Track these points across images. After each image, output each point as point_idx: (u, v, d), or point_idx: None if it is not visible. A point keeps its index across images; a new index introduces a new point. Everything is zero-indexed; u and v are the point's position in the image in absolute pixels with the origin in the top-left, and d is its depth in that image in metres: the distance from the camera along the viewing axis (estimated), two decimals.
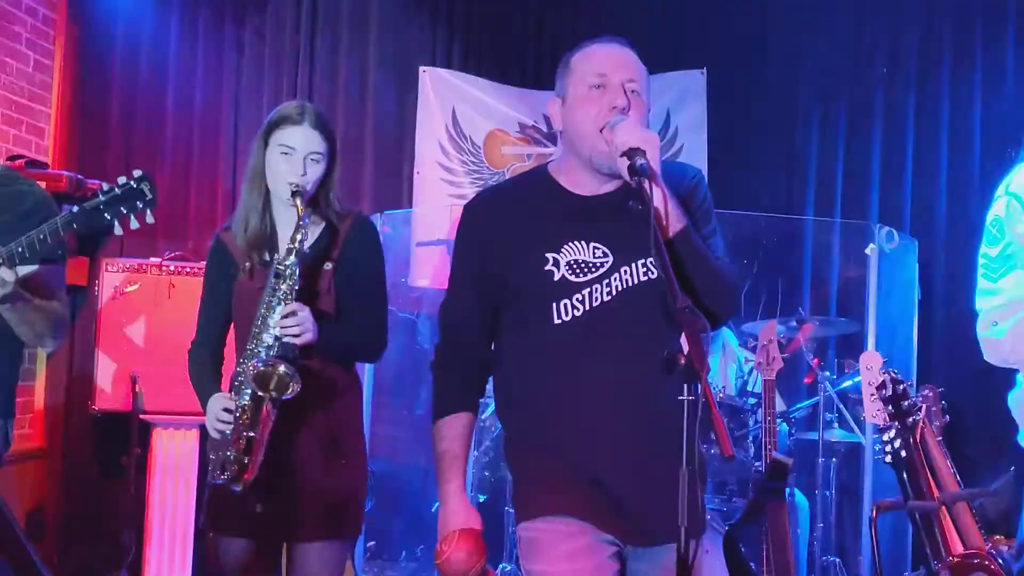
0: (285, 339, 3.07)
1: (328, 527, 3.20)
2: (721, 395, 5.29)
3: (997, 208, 3.07)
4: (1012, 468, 2.90)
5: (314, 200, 3.21)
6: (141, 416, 6.01)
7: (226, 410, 3.11)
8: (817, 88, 6.74)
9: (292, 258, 3.08)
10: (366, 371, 5.07)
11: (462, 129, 6.52)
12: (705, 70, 6.59)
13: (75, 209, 3.11)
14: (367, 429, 5.57)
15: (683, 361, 2.15)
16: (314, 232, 3.24)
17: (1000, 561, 3.88)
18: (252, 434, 3.06)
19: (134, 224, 3.09)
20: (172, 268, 6.14)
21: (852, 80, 6.73)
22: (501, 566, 4.94)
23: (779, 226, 6.26)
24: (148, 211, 3.10)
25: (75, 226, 3.11)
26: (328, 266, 3.22)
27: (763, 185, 6.61)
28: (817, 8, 6.71)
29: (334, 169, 3.28)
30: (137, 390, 6.00)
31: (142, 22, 6.80)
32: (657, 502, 2.32)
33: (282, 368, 3.02)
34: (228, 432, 3.10)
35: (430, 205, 6.21)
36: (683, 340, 2.28)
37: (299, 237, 3.09)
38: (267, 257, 3.21)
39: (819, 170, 6.71)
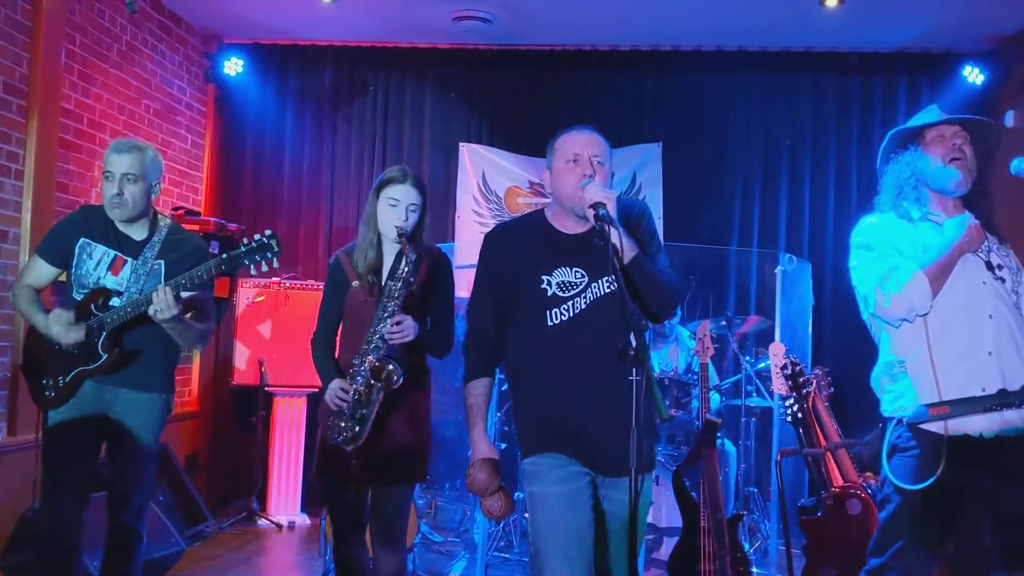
0: (392, 341, 3.05)
1: (404, 476, 3.20)
2: (672, 374, 5.30)
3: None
4: (880, 425, 2.89)
5: (411, 238, 3.17)
6: (266, 388, 6.11)
7: (343, 390, 3.10)
8: (740, 153, 6.71)
9: (400, 284, 3.07)
10: None
11: (489, 186, 6.53)
12: (661, 143, 6.57)
13: (224, 256, 3.15)
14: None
15: (631, 352, 2.18)
16: (412, 262, 3.21)
17: (869, 491, 3.88)
18: (364, 411, 3.06)
19: (264, 268, 3.13)
20: (287, 285, 6.21)
21: (765, 147, 6.70)
22: (517, 494, 4.95)
23: (714, 253, 6.26)
24: (275, 260, 3.13)
25: (224, 268, 3.16)
26: (415, 288, 3.17)
27: (703, 224, 6.58)
28: (739, 95, 6.69)
29: (425, 217, 3.25)
30: (263, 370, 6.07)
31: (266, 112, 6.88)
32: (618, 448, 2.33)
33: (391, 366, 3.02)
34: (344, 406, 3.09)
35: (466, 239, 6.22)
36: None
37: (405, 268, 3.07)
38: (376, 278, 3.18)
39: (742, 213, 6.68)
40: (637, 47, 6.71)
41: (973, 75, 6.22)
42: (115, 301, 3.28)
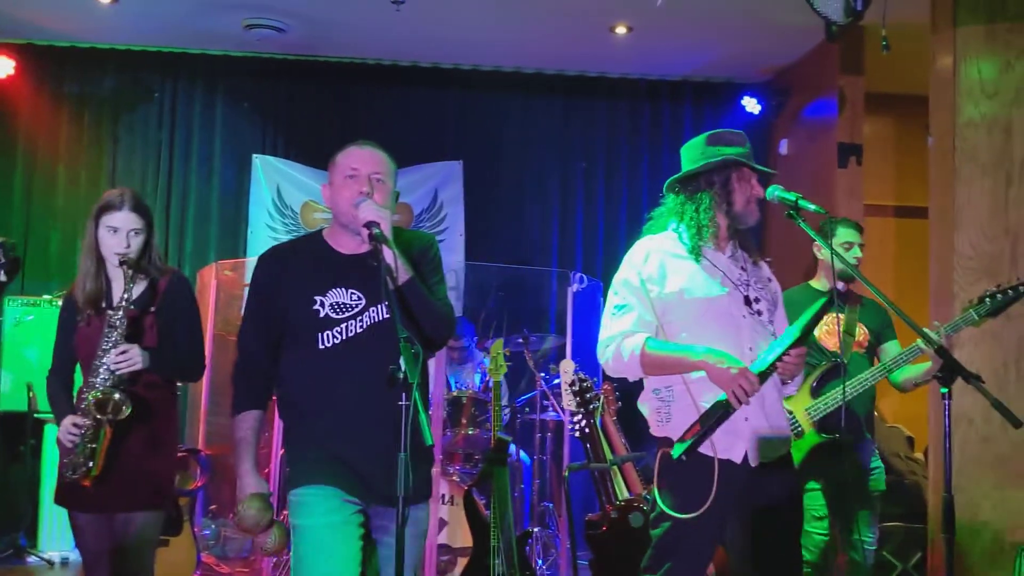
0: (119, 372, 2.94)
1: (144, 500, 3.07)
2: (470, 392, 5.30)
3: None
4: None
5: (137, 263, 3.05)
6: (35, 415, 5.67)
7: (75, 425, 2.95)
8: (539, 173, 6.84)
9: (120, 313, 2.96)
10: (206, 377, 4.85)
11: (284, 200, 6.36)
12: (462, 161, 6.61)
13: None
14: (204, 423, 5.42)
15: (400, 376, 2.13)
16: (140, 286, 3.09)
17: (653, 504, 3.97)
18: (94, 445, 2.94)
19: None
20: (61, 303, 5.79)
21: (563, 168, 6.85)
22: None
23: (512, 272, 6.32)
24: (2, 272, 2.88)
25: None
26: (151, 311, 3.08)
27: (504, 243, 6.65)
28: (538, 117, 6.83)
29: (152, 239, 3.13)
30: (32, 395, 5.65)
31: (40, 118, 6.42)
32: (387, 476, 2.26)
33: (116, 395, 2.91)
34: (76, 442, 2.95)
35: (259, 255, 6.02)
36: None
37: (125, 296, 2.98)
38: (102, 307, 3.05)
39: (540, 232, 6.81)
40: (438, 64, 6.72)
41: (751, 105, 6.61)
42: None
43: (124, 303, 2.97)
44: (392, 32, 6.05)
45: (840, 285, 3.90)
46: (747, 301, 2.76)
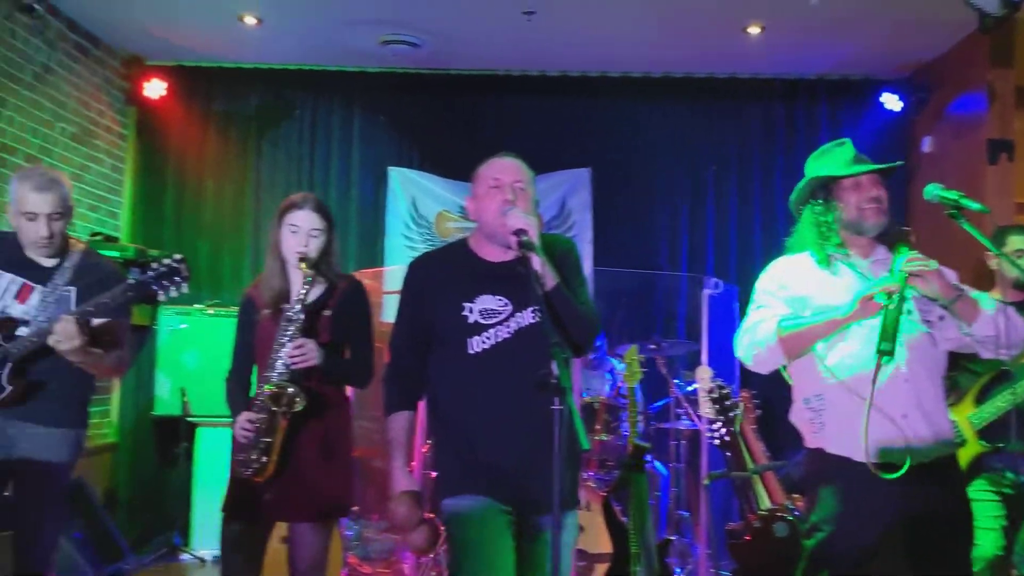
0: (294, 366, 2.98)
1: (319, 514, 3.09)
2: (602, 398, 5.29)
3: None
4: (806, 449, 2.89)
5: (316, 264, 3.11)
6: (189, 419, 5.94)
7: (249, 420, 3.02)
8: (668, 177, 6.76)
9: (298, 307, 3.01)
10: None
11: (419, 210, 6.50)
12: (590, 168, 6.60)
13: (131, 282, 3.04)
14: None
15: (552, 381, 2.14)
16: (319, 288, 3.15)
17: (796, 514, 3.88)
18: (268, 440, 2.97)
19: (174, 294, 3.03)
20: (211, 312, 6.07)
21: (693, 171, 6.76)
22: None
23: (643, 278, 6.29)
24: (184, 285, 3.03)
25: (130, 294, 3.04)
26: (326, 313, 3.13)
27: (633, 249, 6.61)
28: (667, 121, 6.75)
29: (332, 242, 3.18)
30: (186, 400, 5.90)
31: (190, 135, 6.73)
32: (538, 482, 2.29)
33: (291, 388, 2.94)
34: (250, 437, 3.01)
35: (397, 265, 6.16)
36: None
37: (302, 292, 3.02)
38: (283, 307, 3.10)
39: (670, 237, 6.73)
40: (566, 72, 6.73)
41: (891, 102, 6.37)
42: (22, 331, 3.14)
43: (302, 299, 3.01)
44: (521, 43, 6.10)
45: (1018, 296, 3.68)
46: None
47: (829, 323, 2.62)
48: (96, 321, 3.09)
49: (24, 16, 5.12)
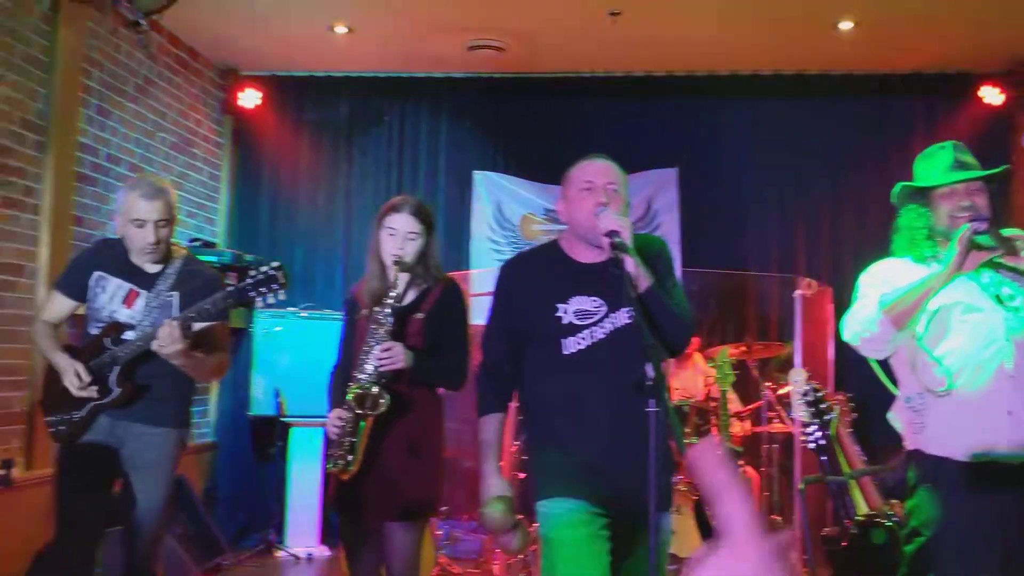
0: (381, 368, 3.02)
1: (406, 513, 3.10)
2: (693, 401, 5.23)
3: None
4: (904, 452, 2.83)
5: (411, 266, 3.14)
6: (283, 418, 6.07)
7: (339, 418, 3.07)
8: (757, 176, 6.65)
9: (387, 310, 3.04)
10: None
11: (504, 214, 6.53)
12: (677, 169, 6.54)
13: (231, 289, 3.13)
14: None
15: (648, 382, 2.13)
16: (415, 290, 3.17)
17: (895, 520, 3.78)
18: (354, 439, 3.02)
19: (271, 300, 3.10)
20: (305, 315, 6.19)
21: (782, 170, 6.62)
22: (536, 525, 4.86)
23: (732, 279, 6.20)
24: (281, 291, 3.09)
25: (230, 301, 3.13)
26: (420, 315, 3.14)
27: (721, 250, 6.52)
28: (755, 119, 6.63)
29: (430, 245, 3.19)
30: (280, 400, 6.04)
31: (283, 143, 6.90)
32: (634, 484, 2.27)
33: (374, 390, 2.98)
34: (339, 434, 3.06)
35: (482, 268, 6.20)
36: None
37: (395, 295, 3.06)
38: (376, 309, 3.12)
39: (760, 238, 6.62)
40: (651, 72, 6.69)
41: (991, 96, 6.16)
42: (129, 335, 3.25)
43: (392, 302, 3.05)
44: (606, 44, 6.08)
45: None
46: (998, 299, 2.65)
47: (930, 280, 2.58)
48: (197, 325, 3.18)
49: (131, 31, 5.31)
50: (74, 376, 3.19)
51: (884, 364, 2.91)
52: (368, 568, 3.20)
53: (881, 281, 2.77)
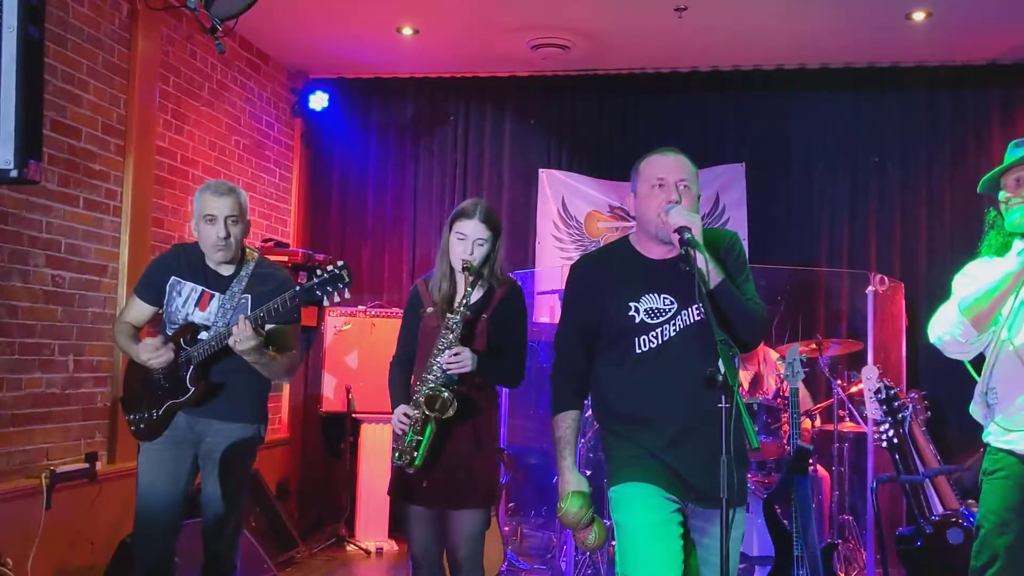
0: (449, 371, 3.10)
1: (471, 499, 3.20)
2: (762, 399, 5.16)
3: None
4: (981, 449, 2.79)
5: (478, 271, 3.20)
6: (353, 415, 6.17)
7: (405, 415, 3.16)
8: (827, 171, 6.54)
9: (457, 317, 3.12)
10: None
11: (569, 211, 6.52)
12: (744, 163, 6.47)
13: (298, 288, 3.19)
14: (504, 423, 5.64)
15: (720, 379, 2.12)
16: (479, 293, 3.25)
17: (971, 519, 3.69)
18: (420, 438, 3.12)
19: (337, 299, 3.16)
20: (373, 313, 6.27)
21: (853, 164, 6.51)
22: (606, 520, 4.87)
23: (802, 275, 6.10)
24: (346, 290, 3.15)
25: (297, 300, 3.20)
26: (484, 317, 3.22)
27: (790, 245, 6.44)
28: (824, 113, 6.54)
29: (497, 250, 3.26)
30: (350, 397, 6.13)
31: (351, 144, 7.02)
32: (708, 478, 2.27)
33: (445, 394, 3.07)
34: (405, 430, 3.15)
35: (547, 265, 6.21)
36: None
37: (464, 300, 3.14)
38: (448, 314, 3.20)
39: (830, 233, 6.51)
40: (717, 67, 6.62)
41: None
42: (203, 335, 3.34)
43: (461, 308, 3.14)
44: (671, 40, 6.03)
45: None
46: None
47: (1006, 280, 2.59)
48: (269, 325, 3.25)
49: (208, 37, 5.44)
50: (152, 349, 3.28)
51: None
52: (432, 557, 3.28)
53: (971, 280, 2.75)
